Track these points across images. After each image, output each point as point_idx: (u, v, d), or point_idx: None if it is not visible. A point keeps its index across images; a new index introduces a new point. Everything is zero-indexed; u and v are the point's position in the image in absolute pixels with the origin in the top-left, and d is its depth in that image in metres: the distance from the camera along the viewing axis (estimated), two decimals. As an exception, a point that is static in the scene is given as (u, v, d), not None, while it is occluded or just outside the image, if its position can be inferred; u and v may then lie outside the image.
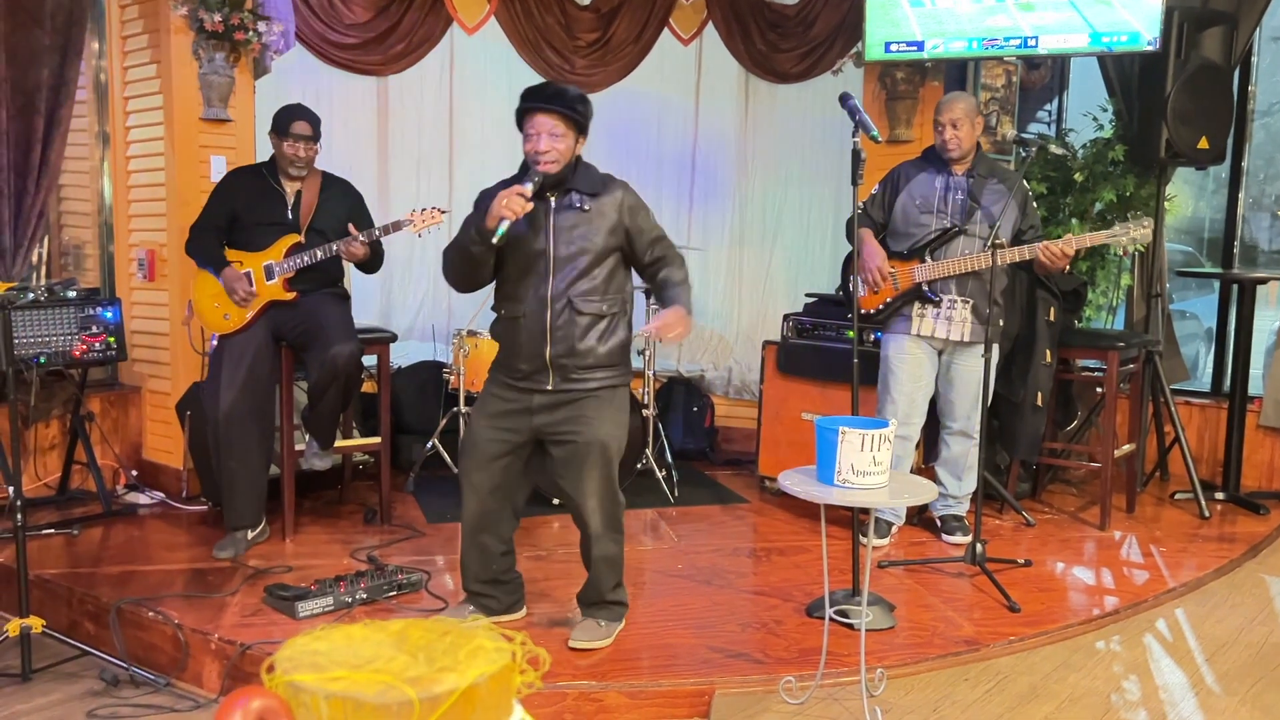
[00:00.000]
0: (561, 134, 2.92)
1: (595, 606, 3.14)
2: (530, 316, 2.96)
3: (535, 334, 2.96)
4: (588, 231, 2.95)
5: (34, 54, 4.25)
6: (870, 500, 2.66)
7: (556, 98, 2.93)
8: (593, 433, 2.95)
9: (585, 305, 2.96)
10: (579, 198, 2.97)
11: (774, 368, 4.74)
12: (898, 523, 4.20)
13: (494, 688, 0.90)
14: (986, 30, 4.59)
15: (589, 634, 3.07)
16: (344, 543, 3.96)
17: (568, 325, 2.94)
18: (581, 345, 2.96)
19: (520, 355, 2.99)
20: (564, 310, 2.94)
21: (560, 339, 2.95)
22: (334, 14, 4.81)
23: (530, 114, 2.94)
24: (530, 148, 2.93)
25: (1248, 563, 4.07)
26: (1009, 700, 2.87)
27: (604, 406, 3.00)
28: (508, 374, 3.04)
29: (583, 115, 2.96)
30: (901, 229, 4.00)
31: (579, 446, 2.95)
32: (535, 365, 2.98)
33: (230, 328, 3.81)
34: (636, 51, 5.63)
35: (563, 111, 2.92)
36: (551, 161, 2.91)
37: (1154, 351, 4.72)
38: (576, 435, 2.96)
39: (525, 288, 2.98)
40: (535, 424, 3.01)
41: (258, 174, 3.91)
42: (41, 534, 3.94)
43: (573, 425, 2.97)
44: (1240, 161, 5.16)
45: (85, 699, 3.00)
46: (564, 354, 2.95)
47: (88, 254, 4.82)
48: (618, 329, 3.04)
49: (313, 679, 0.87)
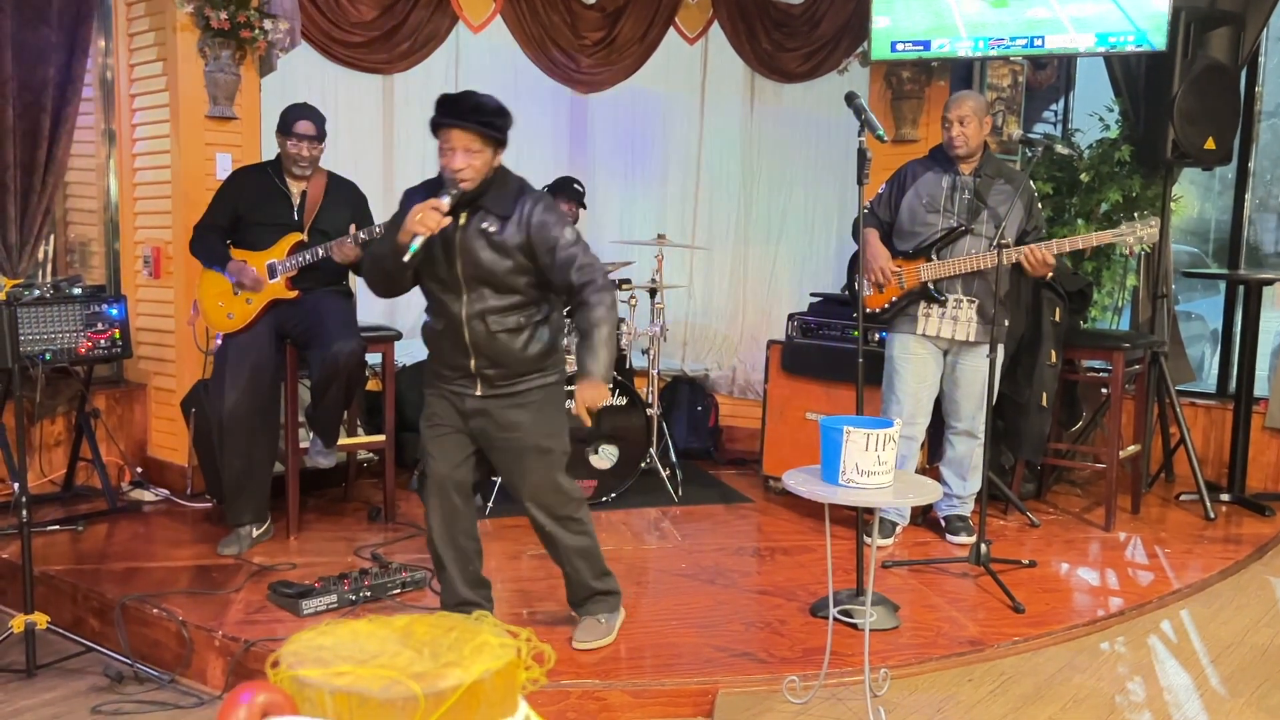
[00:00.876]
0: (478, 150, 2.76)
1: (587, 602, 3.10)
2: (450, 331, 2.89)
3: (458, 348, 2.89)
4: (494, 257, 2.81)
5: (41, 51, 4.26)
6: (875, 500, 2.65)
7: (473, 113, 2.77)
8: (525, 440, 2.91)
9: (499, 323, 2.85)
10: (488, 220, 2.82)
11: (778, 367, 4.74)
12: (902, 523, 4.19)
13: (499, 683, 0.90)
14: (993, 29, 4.58)
15: (592, 633, 3.05)
16: (348, 540, 3.97)
17: (486, 340, 2.86)
18: (505, 356, 2.88)
19: (445, 362, 2.94)
20: (479, 327, 2.85)
21: (481, 353, 2.87)
22: (340, 12, 4.81)
23: (445, 128, 2.76)
24: (445, 163, 2.77)
25: (1253, 564, 4.06)
26: (1013, 701, 2.86)
27: (535, 411, 2.93)
28: (437, 377, 2.98)
29: (500, 131, 2.80)
30: (908, 228, 3.99)
31: (512, 453, 2.94)
32: (461, 372, 2.91)
33: (234, 326, 3.81)
34: (642, 50, 5.62)
35: (478, 129, 2.75)
36: (466, 180, 2.76)
37: (1160, 352, 4.71)
38: (508, 442, 2.93)
39: (441, 304, 2.89)
40: (471, 428, 2.95)
41: (263, 173, 3.92)
42: (46, 530, 3.94)
43: (506, 432, 2.92)
44: (1247, 162, 5.14)
45: (89, 695, 3.01)
46: (487, 365, 2.88)
47: (93, 251, 4.83)
48: (541, 332, 2.92)
49: (318, 674, 0.87)
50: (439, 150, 2.80)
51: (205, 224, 3.89)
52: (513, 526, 4.18)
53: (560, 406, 3.03)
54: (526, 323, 2.88)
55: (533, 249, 2.82)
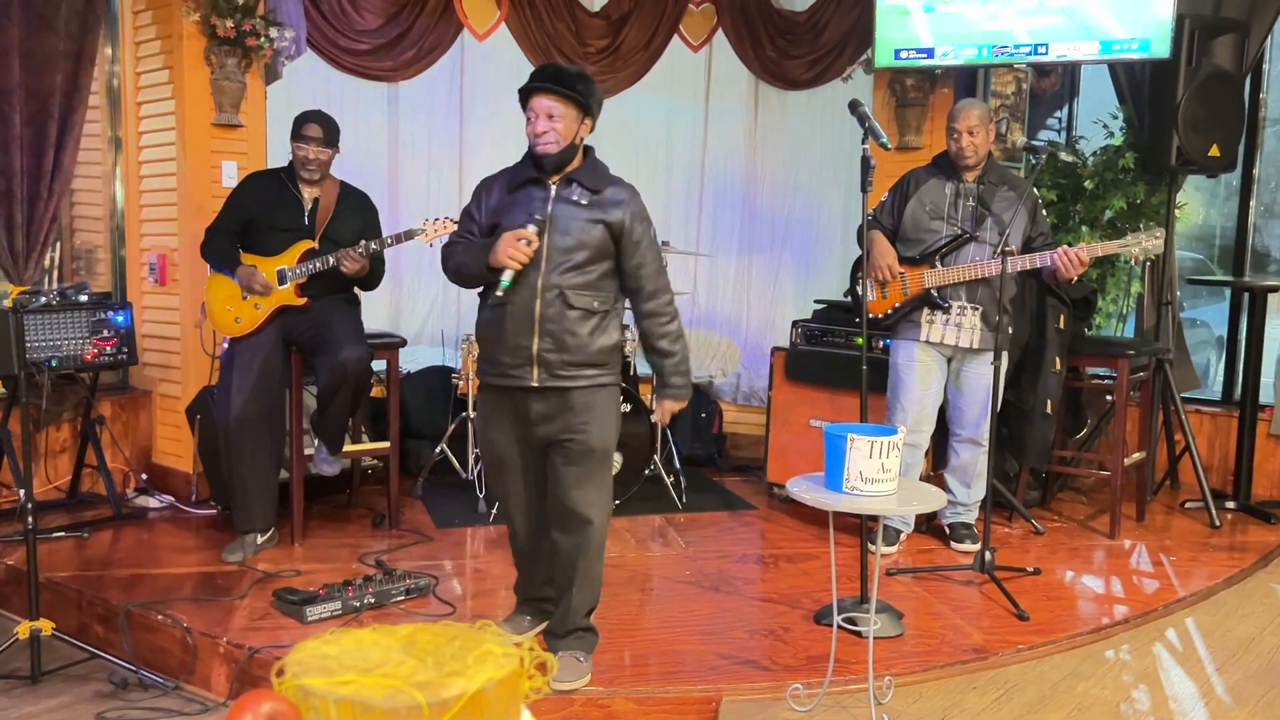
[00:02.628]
0: (560, 114, 2.81)
1: (569, 637, 2.94)
2: (518, 304, 2.80)
3: (521, 324, 2.80)
4: (586, 226, 2.81)
5: (48, 59, 4.28)
6: (879, 508, 2.65)
7: (554, 77, 2.85)
8: (590, 439, 2.85)
9: (577, 299, 2.80)
10: (580, 191, 2.84)
11: (782, 374, 4.74)
12: (906, 530, 4.19)
13: (502, 693, 0.90)
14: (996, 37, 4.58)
15: (573, 671, 2.86)
16: (352, 547, 3.97)
17: (558, 317, 2.79)
18: (571, 340, 2.80)
19: (503, 346, 2.84)
20: (555, 300, 2.79)
21: (549, 332, 2.79)
22: (345, 20, 4.83)
23: (529, 95, 2.85)
24: (529, 130, 2.85)
25: (1259, 572, 4.05)
26: (1017, 709, 2.86)
27: (597, 408, 2.87)
28: (493, 369, 2.89)
29: (583, 95, 2.84)
30: (912, 235, 4.00)
31: (578, 453, 2.85)
32: (519, 359, 2.82)
33: (241, 331, 3.82)
34: (647, 58, 5.64)
35: (561, 91, 2.81)
36: (550, 142, 2.81)
37: (1164, 359, 4.71)
38: (574, 442, 2.85)
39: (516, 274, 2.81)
40: (537, 435, 2.89)
41: (276, 179, 3.92)
42: (52, 537, 3.95)
43: (571, 432, 2.85)
44: (1251, 169, 5.14)
45: (94, 701, 3.01)
46: (551, 348, 2.80)
47: (99, 258, 4.84)
48: (610, 328, 2.88)
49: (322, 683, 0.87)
50: (526, 123, 2.87)
51: (217, 227, 3.89)
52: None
53: (617, 412, 3.00)
54: (599, 308, 2.85)
55: (619, 232, 2.85)
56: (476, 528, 4.28)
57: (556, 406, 2.85)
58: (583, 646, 2.94)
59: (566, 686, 2.82)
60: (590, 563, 2.93)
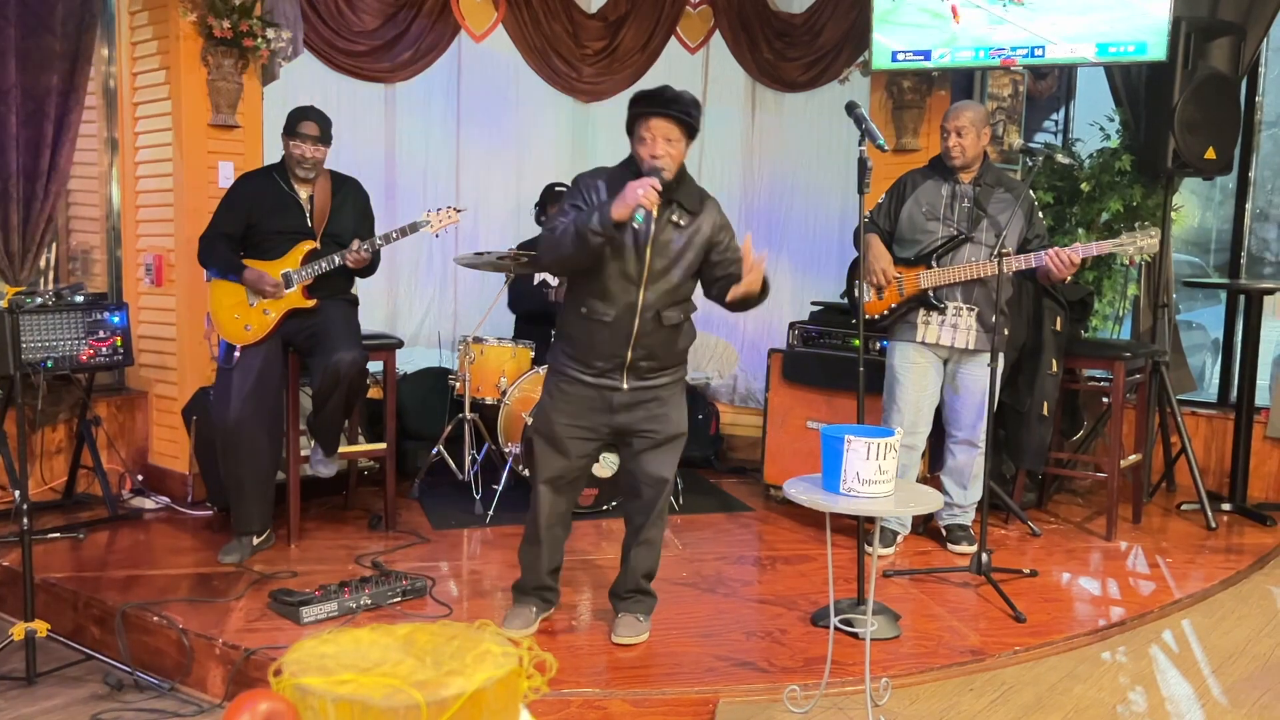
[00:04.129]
0: (675, 139, 2.92)
1: (630, 599, 3.19)
2: (618, 322, 2.98)
3: (619, 338, 2.99)
4: (684, 249, 2.99)
5: (44, 60, 4.27)
6: (876, 509, 2.65)
7: (674, 103, 2.92)
8: (675, 426, 3.11)
9: (669, 317, 3.02)
10: (680, 214, 2.98)
11: (779, 376, 4.74)
12: (903, 532, 4.19)
13: (501, 692, 0.90)
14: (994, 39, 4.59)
15: (632, 629, 3.14)
16: (349, 548, 3.96)
17: (652, 334, 3.01)
18: (662, 348, 3.04)
19: (598, 354, 3.03)
20: (651, 320, 2.99)
21: (642, 344, 3.01)
22: (342, 21, 4.83)
23: (645, 118, 2.92)
24: (647, 152, 2.91)
25: (1255, 574, 4.06)
26: (1014, 711, 2.86)
27: (676, 401, 3.13)
28: (582, 368, 3.06)
29: (696, 121, 2.96)
30: (908, 236, 4.00)
31: (664, 438, 3.09)
32: (613, 364, 3.03)
33: (253, 338, 3.78)
34: (644, 59, 5.64)
35: (679, 117, 2.90)
36: (666, 169, 2.90)
37: (1161, 362, 4.72)
38: (658, 431, 3.08)
39: (615, 293, 2.98)
40: (617, 423, 3.08)
41: (269, 178, 3.88)
42: (47, 538, 3.94)
43: (655, 424, 3.07)
44: (1248, 172, 5.15)
45: (90, 703, 3.00)
46: (643, 358, 3.02)
47: (95, 259, 4.83)
48: (688, 331, 3.14)
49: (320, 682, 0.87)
50: (638, 141, 2.94)
51: (214, 233, 3.83)
52: (512, 534, 4.17)
53: (685, 399, 3.21)
54: (685, 317, 3.09)
55: (712, 245, 3.03)
56: (473, 529, 4.28)
57: (639, 399, 3.07)
58: (641, 609, 3.20)
59: (624, 641, 3.12)
60: (654, 531, 3.15)
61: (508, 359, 4.58)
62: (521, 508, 4.00)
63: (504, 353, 4.60)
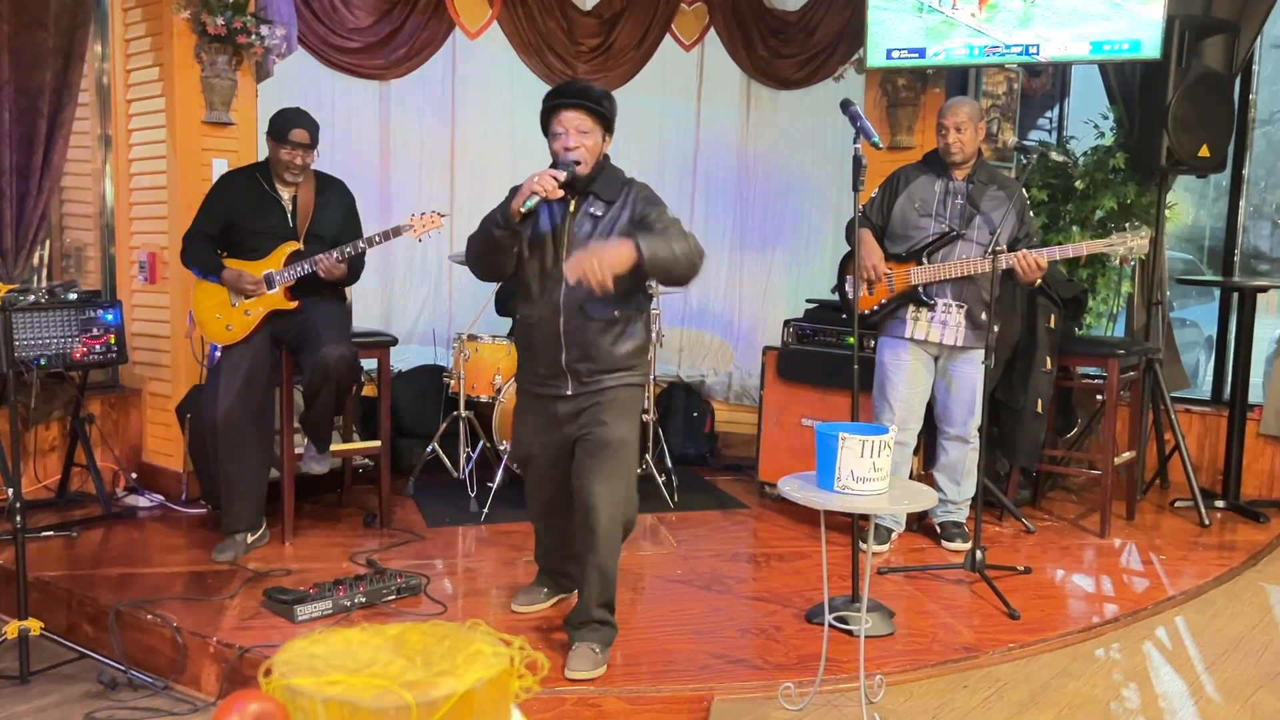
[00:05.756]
0: (588, 130, 2.91)
1: (584, 628, 2.96)
2: (544, 322, 2.96)
3: (550, 339, 2.95)
4: (601, 239, 2.90)
5: (37, 57, 4.26)
6: (870, 506, 2.65)
7: (583, 94, 2.93)
8: (611, 431, 2.95)
9: (596, 312, 2.92)
10: (597, 204, 2.95)
11: (774, 373, 4.74)
12: (897, 529, 4.19)
13: (492, 692, 0.90)
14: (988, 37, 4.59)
15: (586, 661, 2.89)
16: (343, 546, 3.96)
17: (580, 331, 2.93)
18: (596, 351, 2.94)
19: (538, 359, 3.01)
20: (576, 316, 2.92)
21: (574, 344, 2.94)
22: (336, 18, 4.82)
23: (556, 111, 2.92)
24: (559, 145, 2.91)
25: (1248, 571, 4.07)
26: (1008, 708, 2.86)
27: (618, 407, 2.98)
28: (531, 379, 3.07)
29: (609, 111, 2.96)
30: (900, 231, 4.01)
31: (594, 445, 2.94)
32: (553, 370, 2.98)
33: (234, 338, 3.79)
34: (639, 57, 5.64)
35: (590, 107, 2.91)
36: (580, 160, 2.89)
37: (1154, 359, 4.73)
38: (594, 435, 2.95)
39: (538, 292, 2.97)
40: (565, 433, 3.02)
41: (252, 179, 3.87)
42: (41, 536, 3.93)
43: (592, 427, 2.96)
44: (1241, 169, 5.16)
45: (83, 701, 3.00)
46: (579, 359, 2.95)
47: (89, 256, 4.82)
48: (633, 331, 3.01)
49: (310, 683, 0.87)
50: (551, 137, 2.93)
51: (195, 233, 3.84)
52: (507, 532, 4.18)
53: (637, 412, 3.08)
54: (621, 317, 2.96)
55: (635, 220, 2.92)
56: (468, 527, 4.28)
57: (581, 405, 2.99)
58: (598, 639, 2.96)
59: (577, 676, 2.86)
60: (599, 556, 2.93)
61: (502, 356, 4.58)
62: (516, 505, 4.01)
63: (499, 350, 4.60)
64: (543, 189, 2.80)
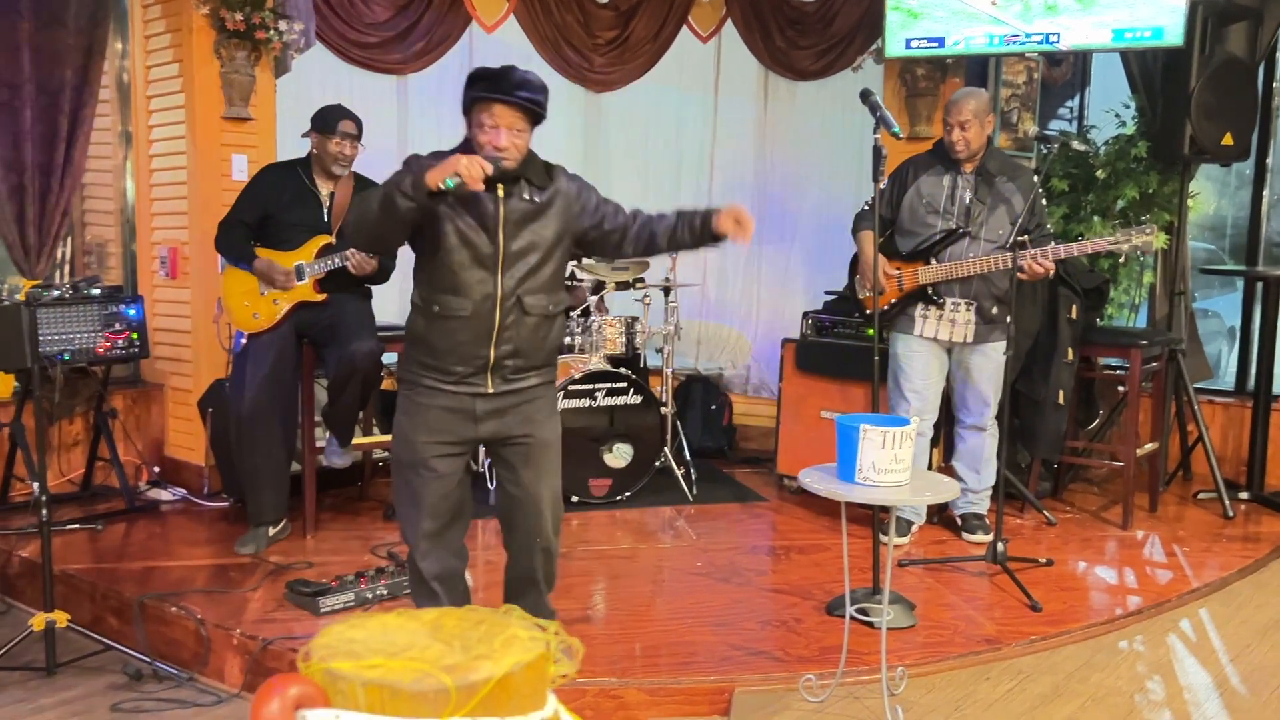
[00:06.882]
0: (521, 129, 2.64)
1: None
2: (476, 316, 2.68)
3: (480, 334, 2.69)
4: (539, 225, 2.71)
5: (58, 54, 4.29)
6: (892, 498, 2.64)
7: (522, 87, 2.61)
8: (548, 431, 2.82)
9: (534, 305, 2.72)
10: (530, 189, 2.71)
11: (793, 365, 4.73)
12: (918, 521, 4.18)
13: (529, 676, 0.90)
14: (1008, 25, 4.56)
15: None
16: (364, 539, 3.98)
17: (516, 325, 2.70)
18: (529, 343, 2.74)
19: (457, 356, 2.71)
20: (513, 309, 2.69)
21: (507, 339, 2.70)
22: (354, 13, 4.82)
23: (488, 103, 2.61)
24: (488, 141, 2.61)
25: (1273, 562, 4.03)
26: (1031, 700, 2.85)
27: (548, 406, 2.84)
28: (440, 377, 2.74)
29: (543, 109, 2.67)
30: (909, 226, 3.99)
31: (537, 444, 2.80)
32: (474, 367, 2.71)
33: (260, 326, 3.81)
34: (655, 49, 5.62)
35: (527, 105, 2.62)
36: (510, 160, 2.62)
37: (1177, 350, 4.69)
38: (530, 436, 2.79)
39: (469, 283, 2.67)
40: (482, 433, 2.77)
41: (292, 172, 3.90)
42: (65, 530, 3.97)
43: (525, 427, 2.78)
44: (1265, 158, 5.11)
45: (108, 693, 3.02)
46: (509, 356, 2.72)
47: (111, 252, 4.85)
48: (559, 328, 2.83)
49: (350, 666, 0.87)
50: (476, 126, 2.64)
51: (232, 220, 3.87)
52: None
53: (556, 409, 2.94)
54: (552, 312, 2.77)
55: (575, 211, 2.76)
56: (488, 519, 4.29)
57: (505, 404, 2.77)
58: None
59: None
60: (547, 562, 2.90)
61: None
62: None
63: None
64: (469, 178, 2.49)
